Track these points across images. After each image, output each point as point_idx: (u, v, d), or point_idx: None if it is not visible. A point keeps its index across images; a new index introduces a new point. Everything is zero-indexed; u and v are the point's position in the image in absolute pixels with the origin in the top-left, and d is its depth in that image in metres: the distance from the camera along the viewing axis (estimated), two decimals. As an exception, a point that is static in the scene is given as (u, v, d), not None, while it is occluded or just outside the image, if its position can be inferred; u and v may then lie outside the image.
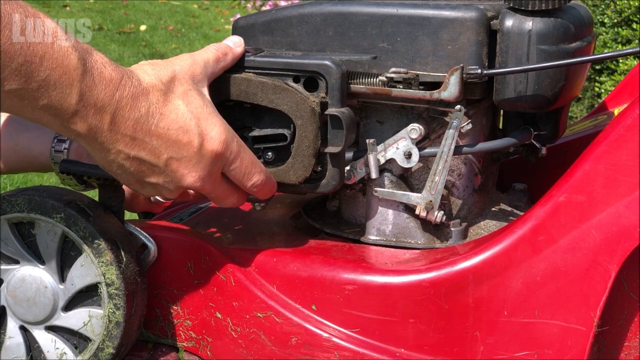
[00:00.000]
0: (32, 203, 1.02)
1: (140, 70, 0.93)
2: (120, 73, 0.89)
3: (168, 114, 0.91)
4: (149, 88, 0.91)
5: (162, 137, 0.91)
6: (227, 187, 0.98)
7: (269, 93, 0.99)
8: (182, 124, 0.92)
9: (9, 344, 1.06)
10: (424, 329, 0.98)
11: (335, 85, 0.99)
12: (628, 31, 3.19)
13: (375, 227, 1.08)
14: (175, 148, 0.92)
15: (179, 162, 0.93)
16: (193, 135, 0.92)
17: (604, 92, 3.24)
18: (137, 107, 0.89)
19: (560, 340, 0.94)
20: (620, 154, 0.93)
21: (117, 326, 1.02)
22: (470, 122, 1.03)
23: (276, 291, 1.02)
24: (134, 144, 0.91)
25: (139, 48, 6.19)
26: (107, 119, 0.88)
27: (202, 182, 0.95)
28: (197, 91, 0.95)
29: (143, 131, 0.90)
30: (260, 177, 0.98)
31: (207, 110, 0.94)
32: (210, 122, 0.94)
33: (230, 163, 0.96)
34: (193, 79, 0.95)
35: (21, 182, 3.35)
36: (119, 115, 0.88)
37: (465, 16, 1.00)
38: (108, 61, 0.89)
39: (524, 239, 0.96)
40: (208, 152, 0.93)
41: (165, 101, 0.92)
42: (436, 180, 1.03)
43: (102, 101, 0.87)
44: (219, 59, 0.99)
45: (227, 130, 0.95)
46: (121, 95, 0.88)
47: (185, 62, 0.96)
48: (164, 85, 0.92)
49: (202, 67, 0.97)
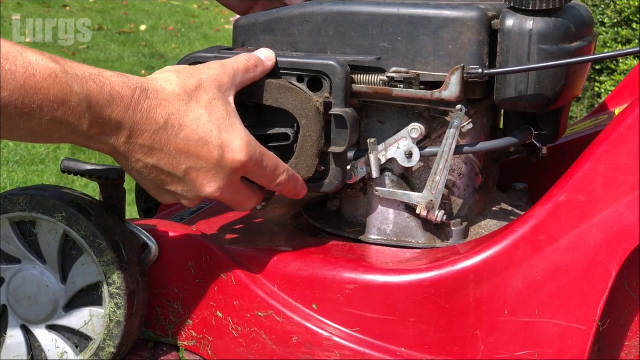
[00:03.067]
0: (34, 202, 1.02)
1: (162, 79, 0.92)
2: (132, 88, 0.88)
3: (189, 125, 0.90)
4: (169, 98, 0.90)
5: (181, 148, 0.90)
6: (246, 193, 0.98)
7: (274, 92, 1.00)
8: (203, 135, 0.91)
9: (10, 343, 1.06)
10: (425, 329, 0.98)
11: (340, 85, 0.99)
12: (628, 31, 3.19)
13: (376, 226, 1.09)
14: (194, 159, 0.91)
15: (198, 173, 0.92)
16: (213, 146, 0.91)
17: (604, 92, 3.24)
18: (155, 119, 0.88)
19: (561, 339, 0.95)
20: (621, 153, 0.93)
21: (118, 325, 1.02)
22: (471, 122, 1.03)
23: (277, 290, 1.03)
24: (152, 154, 0.90)
25: (139, 48, 6.19)
26: (123, 135, 0.88)
27: (222, 192, 0.94)
28: (223, 100, 0.94)
29: (162, 142, 0.89)
30: (283, 177, 0.98)
31: (230, 121, 0.93)
32: (232, 134, 0.92)
33: (253, 171, 0.95)
34: (220, 87, 0.94)
35: (22, 182, 3.35)
36: (136, 129, 0.88)
37: (466, 16, 1.00)
38: (118, 78, 0.87)
39: (525, 239, 0.96)
40: (228, 163, 0.93)
41: (187, 111, 0.91)
42: (437, 179, 1.03)
43: (116, 121, 0.86)
44: (248, 70, 0.98)
45: (249, 141, 0.94)
46: (135, 110, 0.87)
47: (214, 70, 0.95)
48: (188, 95, 0.91)
49: (231, 76, 0.96)
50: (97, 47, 6.06)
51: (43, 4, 6.83)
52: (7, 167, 3.57)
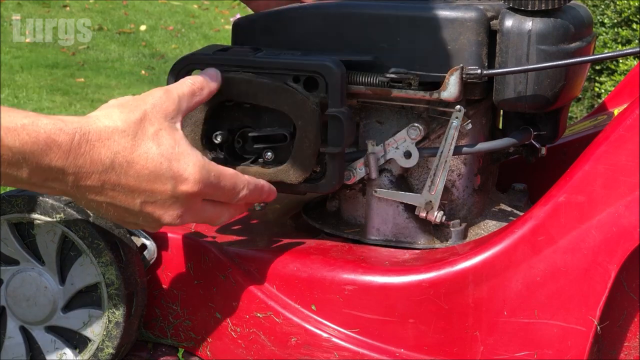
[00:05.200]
0: (32, 203, 1.02)
1: (104, 116, 0.89)
2: (70, 133, 0.85)
3: (137, 160, 0.88)
4: (112, 136, 0.87)
5: (132, 185, 0.88)
6: (212, 212, 0.96)
7: (269, 93, 0.99)
8: (153, 169, 0.89)
9: (8, 344, 1.06)
10: (424, 329, 0.98)
11: (336, 85, 0.99)
12: (628, 31, 3.19)
13: (375, 227, 1.08)
14: (148, 194, 0.89)
15: (154, 206, 0.90)
16: (165, 179, 0.89)
17: (603, 92, 3.24)
18: (100, 160, 0.86)
19: (560, 340, 0.94)
20: (620, 154, 0.93)
21: (116, 326, 1.02)
22: (470, 122, 1.03)
23: (276, 291, 1.02)
24: (103, 193, 0.88)
25: (139, 48, 6.19)
26: (68, 181, 0.86)
27: (182, 219, 0.93)
28: (170, 129, 0.91)
29: (111, 181, 0.87)
30: (244, 192, 0.96)
31: (179, 149, 0.90)
32: (184, 162, 0.90)
33: (211, 194, 0.93)
34: (165, 116, 0.92)
35: (21, 182, 3.35)
36: (81, 172, 0.86)
37: (465, 16, 1.00)
38: (54, 125, 0.84)
39: (524, 239, 0.96)
40: (182, 193, 0.90)
41: (133, 146, 0.88)
42: (436, 180, 1.03)
43: (57, 168, 0.84)
44: (194, 93, 0.96)
45: (202, 165, 0.91)
46: (76, 155, 0.85)
47: (158, 99, 0.92)
48: (133, 129, 0.88)
49: (176, 103, 0.93)
50: (97, 47, 6.06)
51: (43, 4, 6.83)
52: (7, 167, 3.56)
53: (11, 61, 5.41)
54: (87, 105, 4.59)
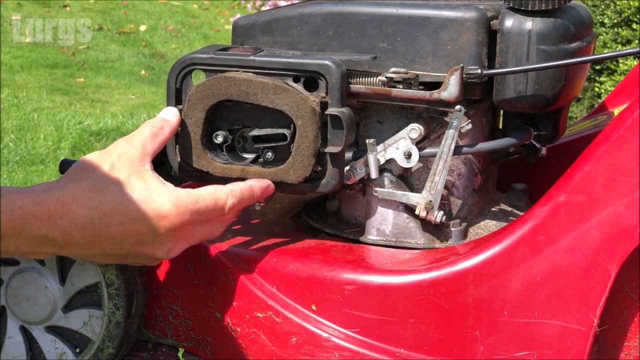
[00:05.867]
0: (32, 203, 1.02)
1: (73, 177, 0.92)
2: (43, 204, 0.88)
3: (115, 211, 0.91)
4: (85, 194, 0.90)
5: (116, 233, 0.91)
6: (203, 230, 0.98)
7: (270, 93, 0.99)
8: (133, 215, 0.91)
9: (9, 344, 1.06)
10: (424, 329, 0.98)
11: (336, 85, 0.99)
12: (628, 31, 3.18)
13: (375, 227, 1.08)
14: (134, 237, 0.92)
15: (143, 246, 0.93)
16: (146, 220, 0.92)
17: (603, 92, 3.24)
18: (78, 219, 0.89)
19: (560, 340, 0.94)
20: (620, 154, 0.93)
21: (117, 326, 1.02)
22: (470, 122, 1.03)
23: (276, 291, 1.02)
24: (91, 247, 0.91)
25: (139, 48, 6.19)
26: (54, 245, 0.89)
27: (174, 250, 0.96)
28: (138, 173, 0.94)
29: (95, 236, 0.90)
30: (230, 203, 0.97)
31: (151, 189, 0.93)
32: (158, 201, 0.93)
33: (195, 219, 0.95)
34: (132, 162, 0.94)
35: (22, 182, 3.35)
36: (64, 235, 0.89)
37: (465, 16, 1.00)
38: (28, 199, 0.87)
39: (524, 239, 0.96)
40: (166, 229, 0.93)
41: (108, 199, 0.91)
42: (436, 180, 1.03)
43: (40, 236, 0.88)
44: (156, 135, 0.98)
45: (176, 197, 0.94)
46: (54, 222, 0.88)
47: (122, 148, 0.95)
48: (104, 183, 0.92)
49: (140, 148, 0.96)
50: (97, 47, 6.06)
51: (43, 4, 6.83)
52: (7, 167, 3.57)
53: (11, 61, 5.41)
54: (87, 105, 4.59)
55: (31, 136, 3.96)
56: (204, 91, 1.01)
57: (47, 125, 4.11)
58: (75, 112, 4.38)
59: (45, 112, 4.36)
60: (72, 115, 4.30)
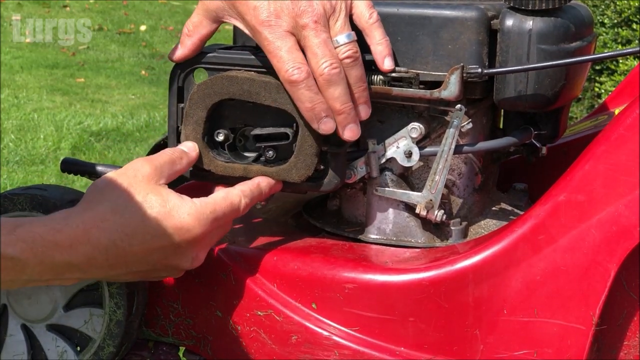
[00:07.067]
0: (34, 202, 1.02)
1: (92, 201, 0.93)
2: (65, 232, 0.88)
3: (136, 230, 0.91)
4: (105, 217, 0.91)
5: (140, 251, 0.92)
6: (220, 232, 1.00)
7: (272, 92, 1.00)
8: (154, 233, 0.92)
9: (10, 342, 1.06)
10: (424, 328, 0.98)
11: (337, 84, 0.99)
12: (628, 31, 3.19)
13: (376, 226, 1.09)
14: (158, 252, 0.93)
15: (167, 259, 0.95)
16: (169, 235, 0.93)
17: (604, 92, 3.24)
18: (100, 243, 0.90)
19: (560, 339, 0.95)
20: (620, 153, 0.93)
21: (117, 325, 1.02)
22: (470, 122, 1.03)
23: (276, 290, 1.03)
24: (117, 268, 0.92)
25: (139, 48, 6.19)
26: (77, 270, 0.90)
27: (199, 258, 0.97)
28: (155, 190, 0.94)
29: (119, 257, 0.91)
30: (244, 203, 0.99)
31: (170, 205, 0.94)
32: (178, 216, 0.93)
33: (216, 227, 0.97)
34: (149, 181, 0.95)
35: (22, 182, 3.35)
36: (88, 259, 0.89)
37: (465, 16, 1.00)
38: (47, 227, 0.88)
39: (524, 239, 0.96)
40: (189, 242, 0.94)
41: (128, 220, 0.91)
42: (436, 179, 1.03)
43: (63, 263, 0.88)
44: (174, 162, 0.99)
45: (195, 209, 0.95)
46: (77, 248, 0.89)
47: (139, 168, 0.96)
48: (122, 204, 0.92)
49: (157, 168, 0.96)
50: (97, 47, 6.06)
51: (43, 4, 6.84)
52: (7, 167, 3.57)
53: (11, 61, 5.42)
54: (87, 105, 4.59)
55: (31, 136, 3.96)
56: (205, 90, 1.01)
57: (47, 125, 4.12)
58: (75, 112, 4.38)
59: (45, 112, 4.37)
60: (72, 116, 4.30)
